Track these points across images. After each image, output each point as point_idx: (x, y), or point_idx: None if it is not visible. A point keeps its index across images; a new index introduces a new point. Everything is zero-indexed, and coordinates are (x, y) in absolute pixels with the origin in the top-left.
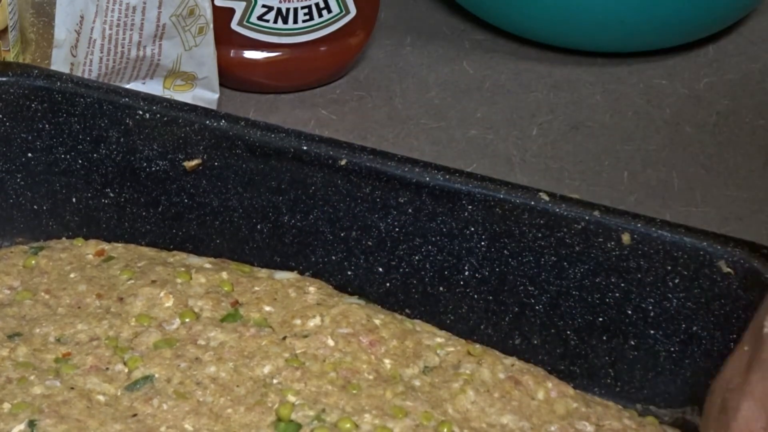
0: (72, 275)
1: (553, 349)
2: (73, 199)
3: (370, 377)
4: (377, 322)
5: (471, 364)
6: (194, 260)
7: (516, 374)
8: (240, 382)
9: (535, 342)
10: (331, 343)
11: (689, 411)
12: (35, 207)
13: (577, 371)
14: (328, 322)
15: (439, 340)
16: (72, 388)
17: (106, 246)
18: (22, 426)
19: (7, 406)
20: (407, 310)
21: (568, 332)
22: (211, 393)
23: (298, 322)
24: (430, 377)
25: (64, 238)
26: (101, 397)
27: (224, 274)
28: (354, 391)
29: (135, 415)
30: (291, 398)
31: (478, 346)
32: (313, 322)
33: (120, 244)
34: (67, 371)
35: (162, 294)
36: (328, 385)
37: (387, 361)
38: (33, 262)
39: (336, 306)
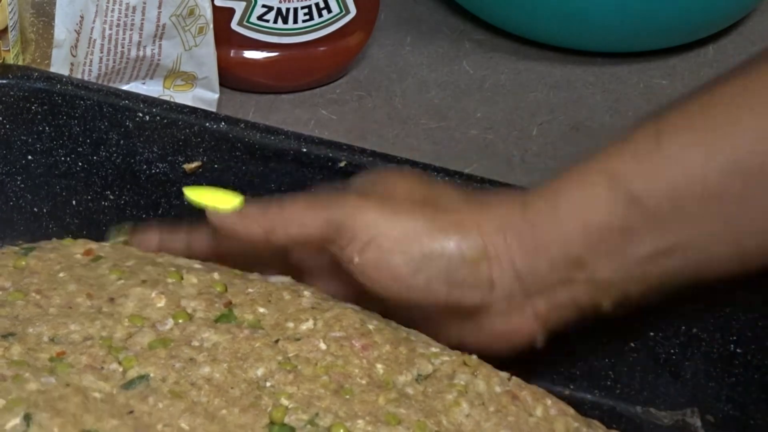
0: (61, 275)
1: (554, 351)
2: (73, 202)
3: (363, 382)
4: (371, 327)
5: (466, 375)
6: (182, 261)
7: (514, 389)
8: (234, 383)
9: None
10: (323, 346)
11: (689, 413)
12: (35, 209)
13: (577, 373)
14: (320, 325)
15: (433, 349)
16: (68, 385)
17: (93, 245)
18: (17, 420)
19: (1, 402)
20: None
21: (568, 334)
22: (205, 393)
23: (291, 325)
24: (423, 386)
25: (54, 239)
26: (97, 394)
27: (216, 275)
28: (347, 396)
29: (131, 412)
30: (284, 401)
31: (474, 357)
32: (306, 326)
33: (107, 243)
34: (62, 369)
35: (154, 294)
36: (321, 388)
37: (379, 365)
38: (23, 262)
39: (330, 310)
